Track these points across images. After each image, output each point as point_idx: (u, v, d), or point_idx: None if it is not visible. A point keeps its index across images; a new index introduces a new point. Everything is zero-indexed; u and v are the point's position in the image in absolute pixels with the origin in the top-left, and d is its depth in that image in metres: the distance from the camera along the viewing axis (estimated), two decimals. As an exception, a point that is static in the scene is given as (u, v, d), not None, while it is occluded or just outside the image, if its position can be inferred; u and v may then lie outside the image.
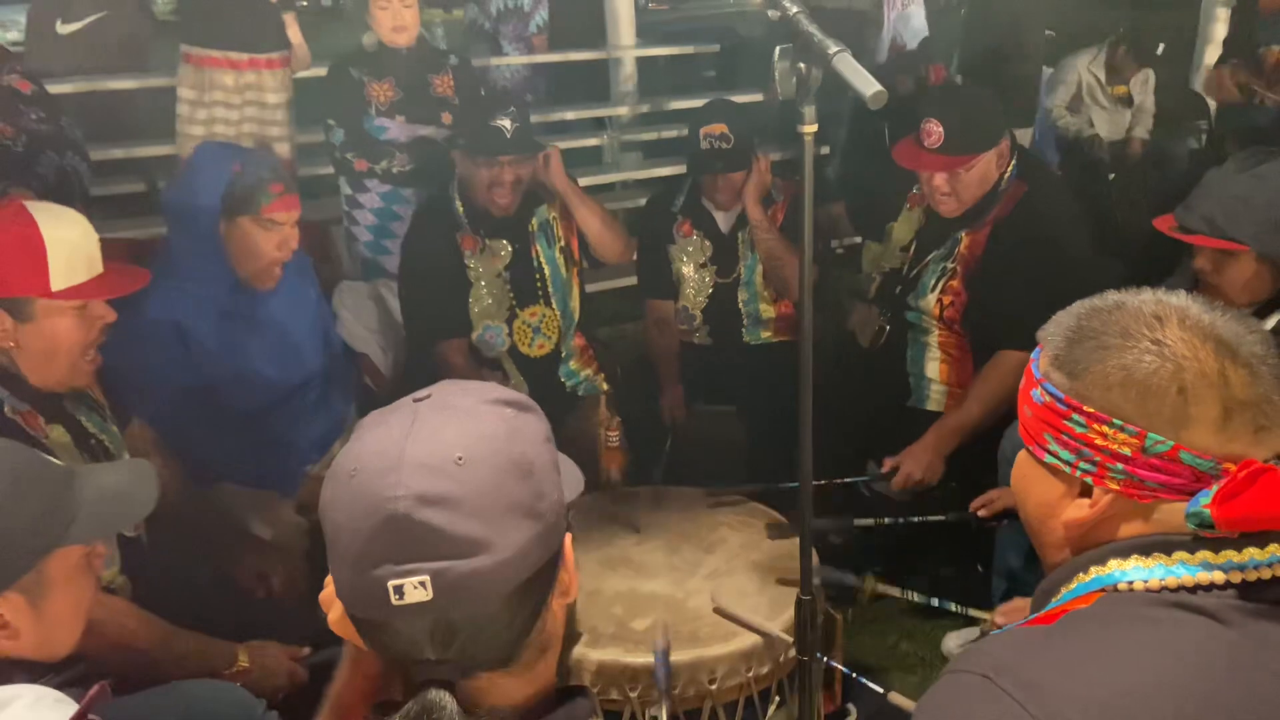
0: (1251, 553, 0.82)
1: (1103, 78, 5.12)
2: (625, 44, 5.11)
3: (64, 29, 4.40)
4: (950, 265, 2.51)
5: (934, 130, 2.37)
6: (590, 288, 2.98)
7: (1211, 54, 5.15)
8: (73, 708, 1.10)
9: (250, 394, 2.26)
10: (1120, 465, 0.85)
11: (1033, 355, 0.94)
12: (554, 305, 2.79)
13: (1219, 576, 0.82)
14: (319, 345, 2.46)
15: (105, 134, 3.89)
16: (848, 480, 2.43)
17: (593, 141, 4.99)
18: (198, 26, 3.39)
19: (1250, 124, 4.23)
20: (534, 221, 2.76)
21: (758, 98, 4.83)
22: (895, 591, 2.10)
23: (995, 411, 2.34)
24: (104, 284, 1.71)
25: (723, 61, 5.72)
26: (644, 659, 1.73)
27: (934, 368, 2.57)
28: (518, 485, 0.82)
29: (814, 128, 1.25)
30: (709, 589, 1.94)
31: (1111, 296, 0.91)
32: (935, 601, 2.09)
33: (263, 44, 3.38)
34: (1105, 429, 0.85)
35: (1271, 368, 0.85)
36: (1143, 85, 5.21)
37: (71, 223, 1.68)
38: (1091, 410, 0.86)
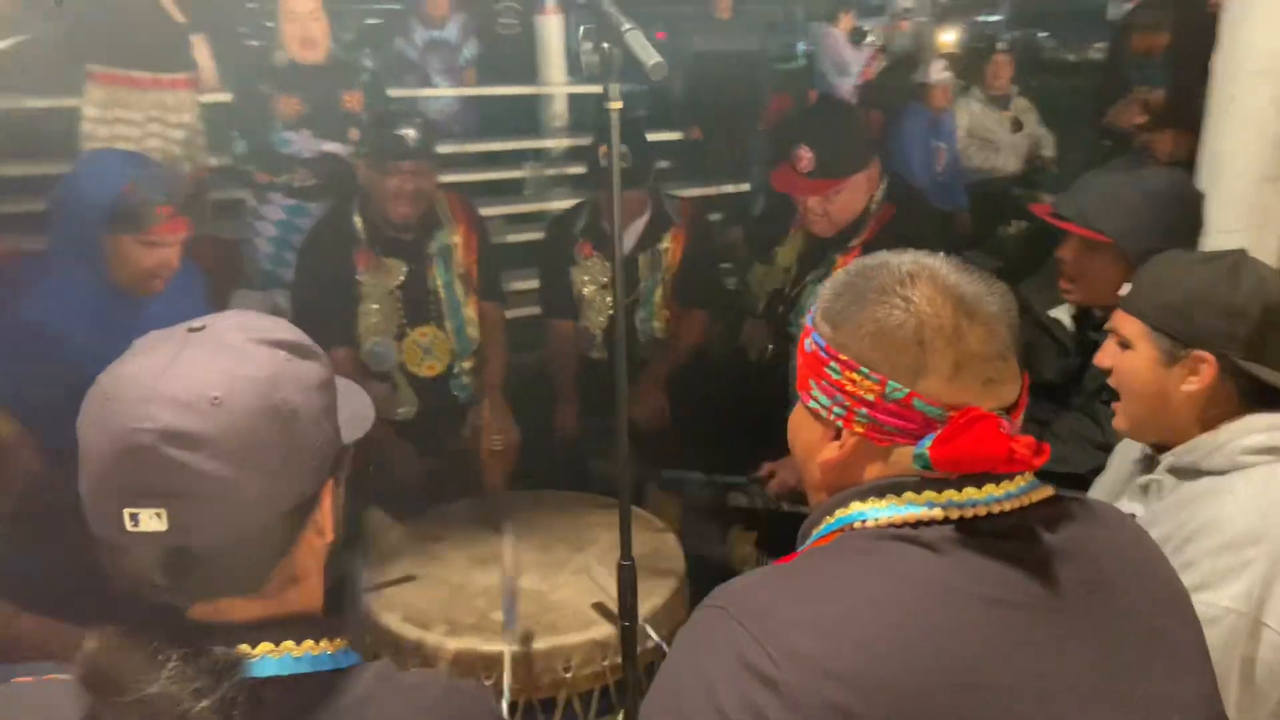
0: (970, 492, 0.90)
1: (985, 104, 5.42)
2: (555, 80, 5.24)
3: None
4: (826, 287, 2.61)
5: (804, 155, 2.46)
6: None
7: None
8: None
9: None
10: (864, 410, 0.92)
11: (811, 309, 1.00)
12: (446, 328, 2.77)
13: (939, 513, 0.89)
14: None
15: (10, 152, 3.86)
16: (729, 481, 2.51)
17: (518, 174, 5.08)
18: (102, 45, 3.39)
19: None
20: (433, 245, 2.75)
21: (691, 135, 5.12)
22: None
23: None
24: None
25: (654, 101, 5.87)
26: (499, 648, 1.78)
27: (812, 382, 2.66)
28: (273, 430, 0.83)
29: (619, 104, 1.34)
30: (574, 584, 1.99)
31: (880, 256, 0.98)
32: None
33: (167, 64, 3.41)
34: (855, 375, 0.92)
35: (1010, 328, 0.93)
36: (1026, 111, 5.51)
37: None
38: (846, 358, 0.93)
